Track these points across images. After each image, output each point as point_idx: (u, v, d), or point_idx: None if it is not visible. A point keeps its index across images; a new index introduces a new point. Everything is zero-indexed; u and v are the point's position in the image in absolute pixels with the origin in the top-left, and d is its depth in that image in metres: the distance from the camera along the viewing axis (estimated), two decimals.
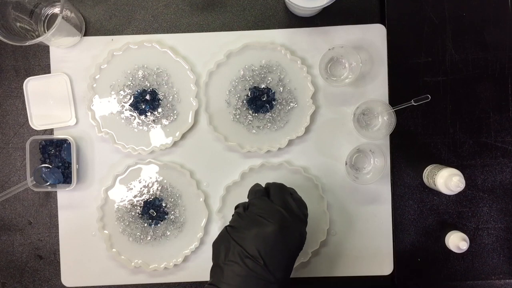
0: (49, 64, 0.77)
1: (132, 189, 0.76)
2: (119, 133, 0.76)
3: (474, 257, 0.76)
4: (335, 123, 0.76)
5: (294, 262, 0.58)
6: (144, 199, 0.76)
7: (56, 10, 0.74)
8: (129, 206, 0.76)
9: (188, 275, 0.77)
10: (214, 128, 0.75)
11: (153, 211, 0.75)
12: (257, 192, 0.61)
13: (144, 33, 0.77)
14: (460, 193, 0.69)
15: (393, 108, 0.71)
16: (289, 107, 0.75)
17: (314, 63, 0.76)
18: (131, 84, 0.76)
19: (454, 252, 0.73)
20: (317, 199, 0.75)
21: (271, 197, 0.59)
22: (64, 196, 0.77)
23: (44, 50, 0.77)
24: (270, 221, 0.55)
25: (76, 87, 0.77)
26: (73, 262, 0.77)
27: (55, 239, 0.77)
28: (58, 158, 0.75)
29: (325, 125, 0.76)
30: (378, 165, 0.73)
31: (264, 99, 0.75)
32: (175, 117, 0.76)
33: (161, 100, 0.76)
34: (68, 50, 0.77)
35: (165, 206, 0.76)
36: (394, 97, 0.76)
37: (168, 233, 0.76)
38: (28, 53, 0.77)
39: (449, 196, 0.75)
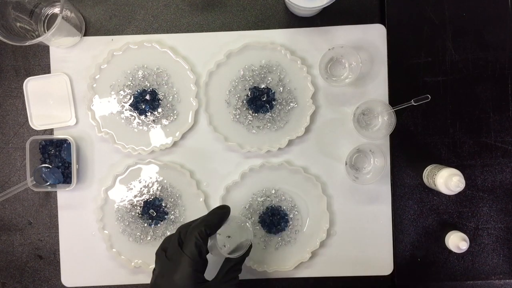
0: (49, 64, 0.77)
1: (132, 189, 0.76)
2: (119, 133, 0.76)
3: (474, 257, 0.76)
4: (335, 123, 0.76)
5: None
6: (144, 199, 0.76)
7: (56, 10, 0.74)
8: (129, 206, 0.76)
9: None
10: (214, 128, 0.75)
11: (153, 211, 0.75)
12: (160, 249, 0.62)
13: (144, 33, 0.77)
14: (460, 193, 0.69)
15: (393, 108, 0.71)
16: (289, 107, 0.75)
17: (314, 63, 0.76)
18: (131, 84, 0.76)
19: (454, 252, 0.73)
20: (317, 199, 0.75)
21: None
22: (64, 196, 0.77)
23: (44, 50, 0.77)
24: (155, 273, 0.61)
25: (76, 87, 0.77)
26: (73, 262, 0.77)
27: (55, 239, 0.77)
28: (58, 158, 0.75)
29: (325, 125, 0.76)
30: (378, 165, 0.73)
31: (264, 99, 0.75)
32: (175, 117, 0.76)
33: (161, 100, 0.76)
34: (68, 50, 0.77)
35: (165, 206, 0.76)
36: (394, 97, 0.76)
37: (168, 233, 0.76)
38: (28, 53, 0.77)
39: (449, 196, 0.75)
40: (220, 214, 0.62)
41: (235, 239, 0.63)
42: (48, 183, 0.74)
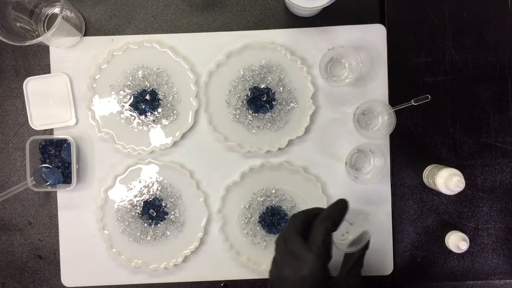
0: (49, 64, 0.77)
1: (132, 189, 0.76)
2: (119, 133, 0.76)
3: (474, 257, 0.76)
4: (335, 123, 0.76)
5: None
6: (144, 199, 0.76)
7: (56, 10, 0.74)
8: (129, 206, 0.76)
9: (188, 275, 0.77)
10: (214, 128, 0.75)
11: (153, 211, 0.75)
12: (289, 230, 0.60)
13: (144, 33, 0.77)
14: (460, 193, 0.69)
15: (393, 108, 0.71)
16: (289, 107, 0.75)
17: (314, 63, 0.76)
18: (131, 84, 0.76)
19: (454, 252, 0.73)
20: (317, 199, 0.75)
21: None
22: (64, 196, 0.77)
23: (44, 50, 0.77)
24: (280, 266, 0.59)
25: (76, 87, 0.77)
26: (73, 262, 0.77)
27: (55, 239, 0.77)
28: (58, 158, 0.75)
29: (325, 125, 0.76)
30: (378, 165, 0.73)
31: (264, 99, 0.75)
32: (175, 117, 0.76)
33: (161, 100, 0.76)
34: (68, 50, 0.77)
35: (165, 206, 0.76)
36: (394, 97, 0.76)
37: (168, 233, 0.76)
38: (28, 53, 0.77)
39: (449, 196, 0.75)
40: (342, 209, 0.61)
41: (356, 228, 0.63)
42: (48, 183, 0.74)
